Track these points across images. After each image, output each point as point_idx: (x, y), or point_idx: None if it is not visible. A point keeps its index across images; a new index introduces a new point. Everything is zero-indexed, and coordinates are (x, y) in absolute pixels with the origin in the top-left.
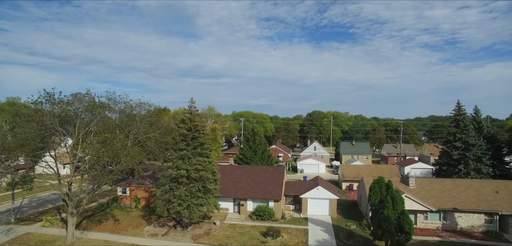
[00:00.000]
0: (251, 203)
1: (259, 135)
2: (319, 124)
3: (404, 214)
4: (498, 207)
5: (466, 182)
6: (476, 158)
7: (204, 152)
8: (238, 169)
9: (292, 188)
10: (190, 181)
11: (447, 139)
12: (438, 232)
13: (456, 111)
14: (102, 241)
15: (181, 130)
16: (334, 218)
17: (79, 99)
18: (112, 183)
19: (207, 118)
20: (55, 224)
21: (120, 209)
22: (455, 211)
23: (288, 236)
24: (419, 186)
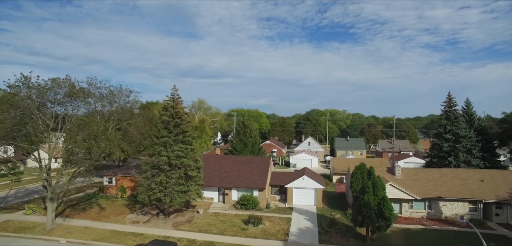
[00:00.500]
0: (235, 192)
1: (250, 128)
2: (315, 121)
3: (385, 200)
4: (482, 195)
5: (452, 171)
6: (466, 149)
7: (186, 139)
8: (223, 158)
9: (278, 178)
10: (171, 168)
11: (437, 132)
12: (423, 221)
13: (447, 104)
14: (82, 228)
15: (163, 117)
16: (319, 208)
17: (58, 84)
18: (91, 168)
19: (197, 111)
20: (37, 212)
21: (106, 198)
22: (440, 200)
23: (270, 224)
24: (405, 175)
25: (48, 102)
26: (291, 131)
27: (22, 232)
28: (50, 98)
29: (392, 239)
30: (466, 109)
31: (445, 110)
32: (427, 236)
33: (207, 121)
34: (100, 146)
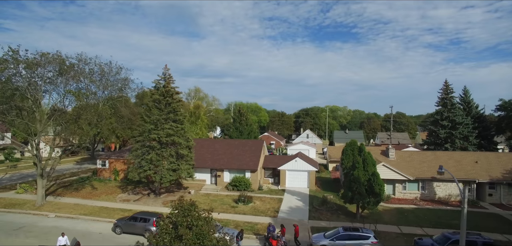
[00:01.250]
0: (227, 174)
1: (246, 116)
2: (315, 115)
3: (375, 175)
4: (476, 175)
5: (447, 154)
6: (463, 136)
7: (177, 118)
8: (216, 142)
9: (271, 161)
10: (162, 146)
11: (434, 119)
12: (416, 202)
13: (444, 91)
14: (72, 204)
15: (154, 96)
16: (312, 190)
17: (47, 59)
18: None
19: (193, 99)
20: (29, 191)
21: (99, 181)
22: (433, 180)
23: (260, 203)
24: (399, 158)
25: (38, 80)
26: (290, 125)
27: (12, 207)
28: (40, 74)
29: (383, 217)
30: (464, 97)
31: (442, 97)
32: (418, 214)
33: (202, 107)
34: (88, 118)
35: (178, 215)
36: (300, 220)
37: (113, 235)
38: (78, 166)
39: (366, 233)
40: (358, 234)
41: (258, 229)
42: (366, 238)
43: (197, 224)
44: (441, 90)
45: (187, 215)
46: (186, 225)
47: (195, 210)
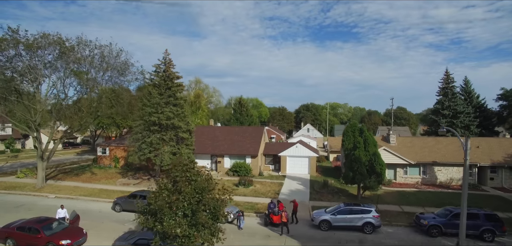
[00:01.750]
0: (228, 159)
1: (246, 107)
2: (315, 110)
3: (376, 155)
4: (477, 159)
5: (448, 139)
6: (464, 125)
7: (177, 102)
8: (217, 129)
9: (272, 147)
10: (161, 129)
11: (435, 108)
12: (417, 186)
13: (444, 80)
14: (72, 187)
15: (154, 80)
16: (313, 176)
17: (47, 40)
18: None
19: (193, 89)
20: (29, 175)
21: (99, 168)
22: (434, 165)
23: (261, 186)
24: (400, 143)
25: (39, 63)
26: (291, 120)
27: (12, 189)
28: (40, 56)
29: (384, 198)
30: (465, 87)
31: (443, 87)
32: (420, 196)
33: (203, 97)
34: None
35: (177, 171)
36: (301, 201)
37: (112, 212)
38: (79, 156)
39: (368, 208)
40: (359, 209)
41: (259, 208)
42: (367, 212)
43: (196, 179)
44: (442, 80)
45: (187, 170)
46: (186, 180)
47: (194, 167)
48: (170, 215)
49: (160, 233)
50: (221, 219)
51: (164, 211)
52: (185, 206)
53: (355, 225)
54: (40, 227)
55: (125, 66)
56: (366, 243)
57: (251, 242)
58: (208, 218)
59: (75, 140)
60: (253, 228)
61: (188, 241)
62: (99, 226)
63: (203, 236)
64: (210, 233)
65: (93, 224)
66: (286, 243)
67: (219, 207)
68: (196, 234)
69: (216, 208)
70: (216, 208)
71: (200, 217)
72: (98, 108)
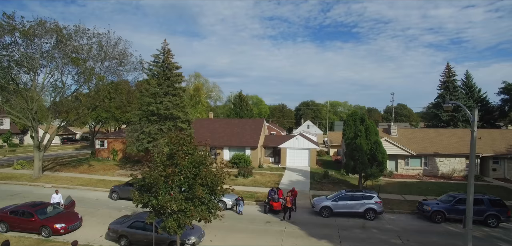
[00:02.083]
0: (227, 151)
1: (246, 102)
2: (315, 108)
3: (378, 143)
4: (479, 150)
5: (449, 130)
6: (465, 119)
7: (176, 92)
8: (216, 122)
9: (272, 140)
10: (160, 120)
11: (436, 102)
12: (419, 177)
13: (446, 74)
14: (69, 177)
15: (153, 70)
16: (313, 168)
17: (44, 27)
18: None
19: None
20: (26, 167)
21: (97, 160)
22: (436, 156)
23: (261, 177)
24: (401, 135)
25: (35, 52)
26: (291, 117)
27: (8, 180)
28: (37, 44)
29: (386, 188)
30: (466, 82)
31: (444, 80)
32: (422, 186)
33: (202, 90)
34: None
35: (174, 144)
36: (301, 190)
37: (109, 200)
38: (78, 151)
39: (370, 193)
40: (361, 194)
41: (258, 196)
42: (369, 198)
43: (192, 153)
44: (443, 73)
45: (183, 144)
46: (182, 152)
47: (192, 141)
48: (165, 189)
49: (155, 208)
50: (219, 195)
51: (159, 184)
52: (181, 179)
53: (357, 211)
54: (34, 211)
55: (123, 55)
56: (368, 229)
57: (251, 227)
58: (206, 193)
59: (74, 135)
60: (253, 215)
61: (184, 216)
62: (95, 213)
63: (200, 212)
64: (207, 209)
65: (89, 211)
66: (287, 228)
67: (216, 181)
68: (193, 209)
69: (214, 183)
70: (214, 183)
71: (197, 190)
72: (96, 98)
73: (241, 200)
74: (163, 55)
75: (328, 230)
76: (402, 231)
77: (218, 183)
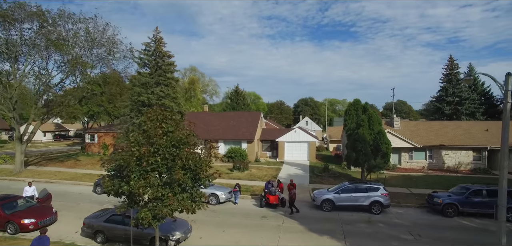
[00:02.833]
0: (222, 145)
1: (243, 96)
2: (314, 105)
3: (381, 133)
4: (487, 143)
5: (454, 123)
6: (469, 113)
7: (168, 82)
8: (211, 115)
9: (269, 133)
10: None
11: (439, 95)
12: (424, 171)
13: (448, 66)
14: (54, 171)
15: (144, 59)
16: (312, 162)
17: (27, 14)
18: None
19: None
20: (9, 161)
21: (87, 155)
22: (442, 148)
23: (257, 170)
24: (404, 127)
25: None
26: (289, 114)
27: None
28: (17, 29)
29: (390, 182)
30: (469, 74)
31: (447, 73)
32: (428, 180)
33: (198, 84)
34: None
35: (151, 120)
36: (300, 184)
37: (92, 194)
38: (69, 147)
39: (375, 185)
40: (366, 186)
41: (254, 190)
42: (375, 190)
43: (173, 131)
44: (445, 66)
45: (162, 120)
46: (160, 129)
47: (173, 118)
48: (139, 172)
49: (128, 196)
50: (204, 181)
51: (132, 167)
52: (158, 161)
53: (361, 205)
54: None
55: (112, 43)
56: (375, 223)
57: (245, 222)
58: (187, 178)
59: (67, 132)
60: (248, 209)
61: (161, 205)
62: (75, 207)
63: (180, 201)
64: (190, 197)
65: (69, 205)
66: (284, 223)
67: (200, 164)
68: (171, 196)
69: (197, 166)
70: (197, 166)
71: (176, 173)
72: (83, 88)
73: (238, 190)
74: (154, 43)
75: (330, 225)
76: (412, 225)
77: (202, 167)
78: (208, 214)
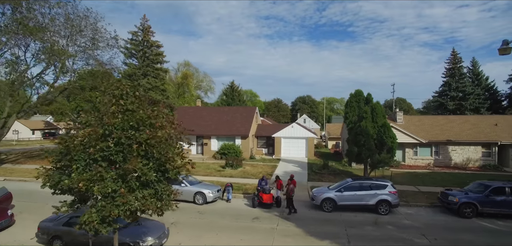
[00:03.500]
0: (215, 141)
1: (238, 92)
2: (312, 103)
3: (386, 126)
4: (497, 138)
5: (460, 117)
6: (473, 108)
7: (156, 72)
8: (203, 109)
9: (265, 129)
10: None
11: (442, 90)
12: (430, 167)
13: (451, 60)
14: (31, 169)
15: (130, 49)
16: (311, 159)
17: None
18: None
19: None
20: None
21: None
22: (448, 144)
23: (251, 168)
24: (408, 122)
25: None
26: (287, 112)
27: None
28: None
29: (395, 179)
30: (473, 69)
31: (449, 68)
32: (435, 177)
33: (191, 79)
34: None
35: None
36: (298, 182)
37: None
38: (56, 146)
39: (382, 182)
40: (371, 183)
41: (247, 189)
42: (382, 187)
43: (134, 110)
44: (448, 60)
45: (121, 96)
46: (116, 109)
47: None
48: (84, 161)
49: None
50: (171, 172)
51: (73, 154)
52: (110, 147)
53: (366, 204)
54: None
55: (94, 31)
56: (383, 225)
57: (235, 224)
58: (148, 169)
59: (57, 131)
60: (238, 209)
61: (111, 204)
62: (40, 208)
63: (140, 200)
64: (154, 194)
65: (34, 206)
66: (279, 226)
67: (166, 150)
68: (124, 192)
69: (163, 154)
70: (163, 154)
71: (131, 162)
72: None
73: (230, 186)
74: (142, 32)
75: (332, 227)
76: (425, 227)
77: (167, 153)
78: (194, 215)
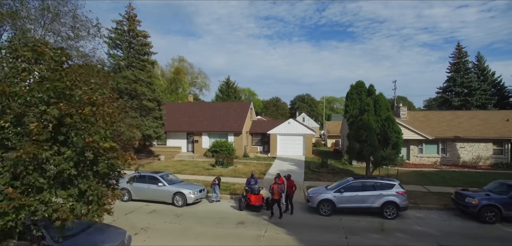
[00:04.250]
0: (207, 138)
1: (234, 89)
2: (311, 102)
3: (390, 120)
4: (509, 134)
5: (468, 113)
6: (480, 104)
7: (142, 64)
8: (195, 105)
9: (260, 126)
10: (121, 96)
11: (447, 85)
12: (436, 166)
13: (456, 55)
14: None
15: (114, 38)
16: (308, 157)
17: None
18: None
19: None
20: None
21: None
22: (456, 141)
23: (243, 166)
24: (412, 118)
25: None
26: (285, 111)
27: None
28: None
29: (401, 178)
30: (478, 64)
31: (454, 62)
32: (444, 176)
33: (184, 74)
34: None
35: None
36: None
37: None
38: None
39: (388, 181)
40: (375, 182)
41: (236, 189)
42: (388, 187)
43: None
44: (453, 54)
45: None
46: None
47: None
48: None
49: None
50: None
51: None
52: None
53: (370, 207)
54: None
55: (74, 18)
56: (390, 232)
57: (214, 231)
58: (68, 159)
59: None
60: (222, 212)
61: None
62: None
63: (51, 205)
64: (79, 196)
65: None
66: (267, 232)
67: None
68: (12, 190)
69: (83, 138)
70: (83, 138)
71: (24, 148)
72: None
73: (217, 184)
74: (127, 21)
75: (330, 235)
76: (442, 235)
77: (92, 134)
78: (169, 219)
